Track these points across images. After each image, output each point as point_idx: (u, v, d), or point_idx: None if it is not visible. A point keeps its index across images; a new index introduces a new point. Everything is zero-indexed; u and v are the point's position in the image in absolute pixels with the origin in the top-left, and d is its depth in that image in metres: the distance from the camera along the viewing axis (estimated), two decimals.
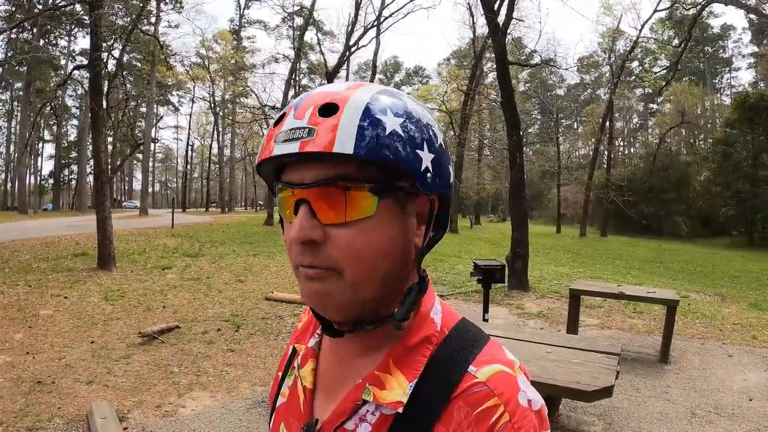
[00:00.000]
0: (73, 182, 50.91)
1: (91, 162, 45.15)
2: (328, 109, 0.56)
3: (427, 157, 0.58)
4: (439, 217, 0.64)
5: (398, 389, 0.59)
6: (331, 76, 22.97)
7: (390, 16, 25.76)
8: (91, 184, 46.24)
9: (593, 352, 3.69)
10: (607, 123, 30.28)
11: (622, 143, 52.82)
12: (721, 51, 51.32)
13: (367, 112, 0.56)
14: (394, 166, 0.56)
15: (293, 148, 0.55)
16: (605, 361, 3.47)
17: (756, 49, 42.57)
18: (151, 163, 52.43)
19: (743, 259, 19.57)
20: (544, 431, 0.58)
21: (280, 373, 0.80)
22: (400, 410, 0.58)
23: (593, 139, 32.35)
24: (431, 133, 0.60)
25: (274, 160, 0.58)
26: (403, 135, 0.56)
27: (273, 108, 27.29)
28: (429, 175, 0.58)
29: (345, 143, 0.54)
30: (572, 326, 6.16)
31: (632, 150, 54.11)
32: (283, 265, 11.70)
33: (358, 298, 0.59)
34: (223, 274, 10.22)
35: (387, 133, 0.55)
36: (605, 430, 3.83)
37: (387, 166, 0.56)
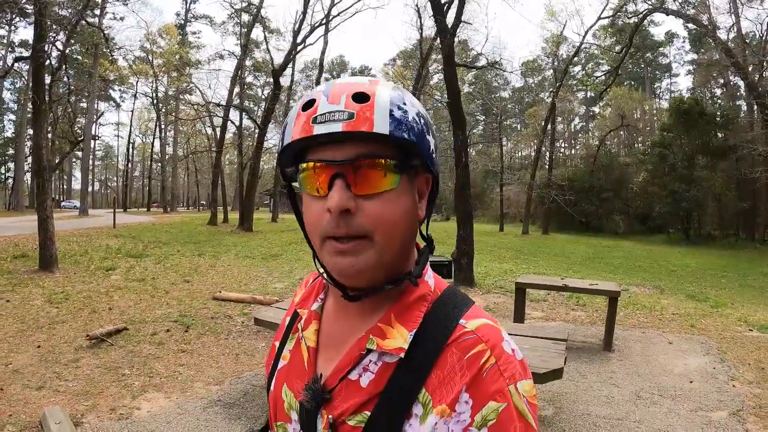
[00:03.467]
0: (9, 181, 48.10)
1: (29, 159, 42.92)
2: (361, 97, 0.65)
3: (432, 142, 0.70)
4: (432, 196, 0.75)
5: (399, 338, 0.68)
6: (277, 74, 22.71)
7: (338, 15, 25.70)
8: (29, 183, 43.93)
9: (541, 338, 3.86)
10: (550, 125, 31.25)
11: (563, 145, 54.61)
12: (662, 57, 53.79)
13: (393, 101, 0.66)
14: (411, 146, 0.67)
15: (336, 127, 0.63)
16: (554, 346, 3.64)
17: (694, 56, 44.89)
18: (90, 162, 50.20)
19: (680, 255, 20.66)
20: (527, 379, 0.66)
21: (277, 343, 0.87)
22: (402, 355, 0.67)
23: (536, 141, 33.31)
24: (431, 123, 0.72)
25: (310, 140, 0.65)
26: (419, 121, 0.68)
27: (218, 105, 26.73)
28: (434, 156, 0.71)
29: (381, 125, 0.63)
30: (519, 317, 6.39)
31: (573, 151, 55.96)
32: (229, 265, 11.54)
33: (383, 262, 0.67)
34: (169, 274, 10.01)
35: (409, 118, 0.66)
36: (555, 414, 4.02)
37: (406, 146, 0.67)
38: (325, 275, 0.73)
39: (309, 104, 0.66)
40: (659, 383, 4.77)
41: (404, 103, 0.67)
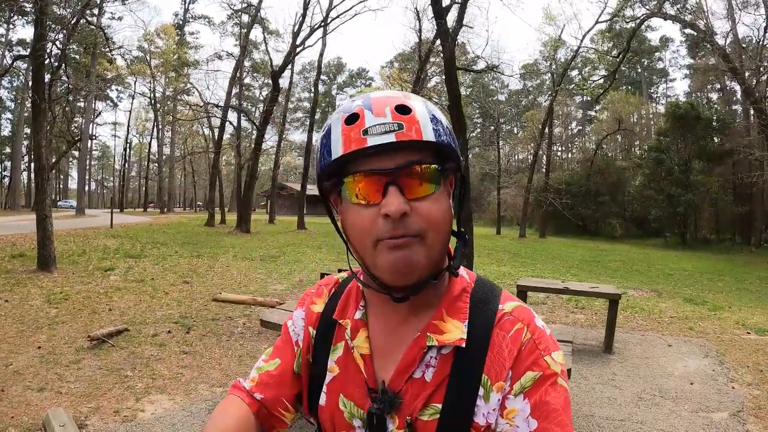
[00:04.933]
0: (6, 180, 47.90)
1: (26, 158, 42.77)
2: (403, 109, 0.70)
3: (457, 146, 0.76)
4: (463, 195, 0.82)
5: (456, 330, 0.75)
6: (276, 75, 22.68)
7: (338, 17, 25.66)
8: (25, 182, 43.77)
9: None
10: (547, 128, 31.33)
11: (560, 148, 54.75)
12: (658, 62, 54.06)
13: (430, 112, 0.72)
14: (448, 152, 0.73)
15: (390, 138, 0.68)
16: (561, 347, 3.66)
17: (691, 61, 45.07)
18: (87, 161, 50.05)
19: (677, 258, 20.73)
20: (557, 351, 0.74)
21: (309, 357, 0.88)
22: (463, 345, 0.73)
23: (533, 144, 33.38)
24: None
25: (361, 152, 0.69)
26: (449, 129, 0.74)
27: (216, 106, 26.66)
28: (462, 159, 0.77)
29: (428, 133, 0.69)
30: None
31: (570, 155, 56.15)
32: (227, 266, 11.52)
33: (431, 258, 0.72)
34: (168, 275, 9.98)
35: (443, 126, 0.73)
36: None
37: (443, 151, 0.73)
38: (373, 283, 0.75)
39: (352, 118, 0.70)
40: (660, 385, 4.80)
41: (436, 113, 0.73)
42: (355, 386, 0.79)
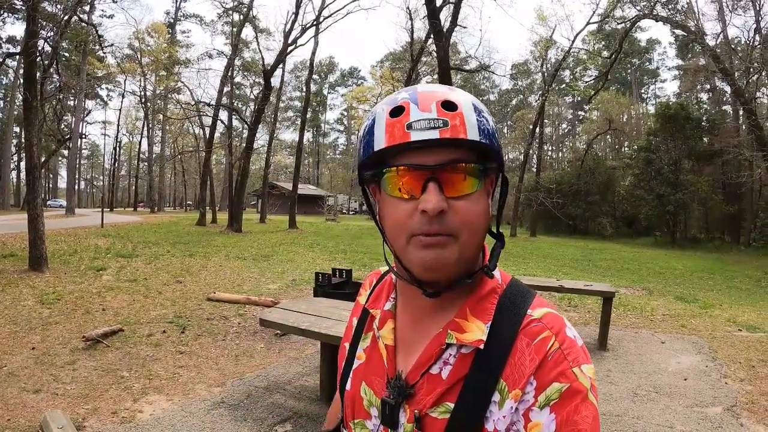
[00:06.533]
0: None
1: (14, 157, 42.33)
2: (449, 105, 0.69)
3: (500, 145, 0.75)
4: (502, 196, 0.81)
5: (477, 330, 0.73)
6: (268, 74, 22.60)
7: (330, 16, 25.63)
8: (14, 181, 43.31)
9: None
10: (538, 128, 31.49)
11: (551, 148, 55.03)
12: (647, 63, 54.61)
13: (476, 111, 0.71)
14: (491, 152, 0.72)
15: (434, 134, 0.67)
16: None
17: (681, 62, 45.49)
18: (77, 160, 49.60)
19: (667, 257, 20.86)
20: (587, 364, 0.70)
21: (347, 344, 0.91)
22: (482, 347, 0.71)
23: (523, 143, 33.53)
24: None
25: (404, 146, 0.69)
26: (495, 129, 0.73)
27: (207, 105, 26.52)
28: (504, 160, 0.76)
29: (472, 132, 0.68)
30: None
31: (561, 154, 56.49)
32: (220, 266, 11.48)
33: (463, 257, 0.71)
34: (161, 274, 9.92)
35: (489, 126, 0.71)
36: None
37: (486, 151, 0.72)
38: (405, 275, 0.75)
39: (398, 111, 0.70)
40: (655, 381, 4.87)
41: (483, 111, 0.72)
42: (377, 375, 0.80)
